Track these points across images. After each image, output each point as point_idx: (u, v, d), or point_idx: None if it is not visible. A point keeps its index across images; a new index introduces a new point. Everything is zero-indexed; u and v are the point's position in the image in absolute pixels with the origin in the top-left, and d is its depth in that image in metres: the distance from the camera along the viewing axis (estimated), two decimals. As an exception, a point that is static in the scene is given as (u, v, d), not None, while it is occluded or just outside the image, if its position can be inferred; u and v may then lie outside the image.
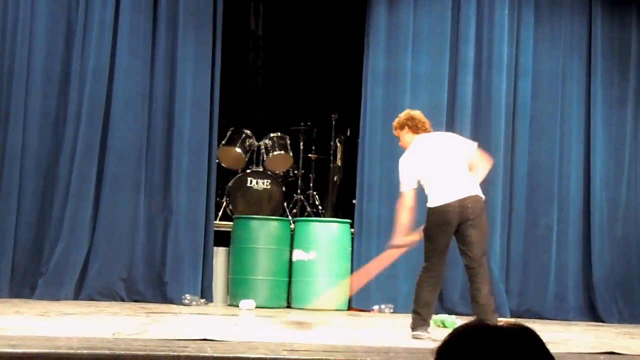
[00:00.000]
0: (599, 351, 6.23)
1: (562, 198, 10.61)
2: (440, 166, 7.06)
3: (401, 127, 7.33)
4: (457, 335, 1.81)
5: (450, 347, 1.80)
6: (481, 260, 6.99)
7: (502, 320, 1.87)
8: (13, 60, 9.36)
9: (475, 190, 7.00)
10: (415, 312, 6.92)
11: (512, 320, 6.73)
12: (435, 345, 1.86)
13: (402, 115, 7.43)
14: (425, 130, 7.31)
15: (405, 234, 7.04)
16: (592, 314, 10.44)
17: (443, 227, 6.91)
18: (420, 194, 7.17)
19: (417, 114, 7.39)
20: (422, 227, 7.06)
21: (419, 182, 7.09)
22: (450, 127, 10.27)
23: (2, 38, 9.39)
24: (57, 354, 4.62)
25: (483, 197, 7.08)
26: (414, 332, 6.86)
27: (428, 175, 7.06)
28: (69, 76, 9.52)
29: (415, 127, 7.28)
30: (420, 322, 6.88)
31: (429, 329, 6.95)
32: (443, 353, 1.81)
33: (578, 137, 10.73)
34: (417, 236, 7.04)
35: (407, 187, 7.08)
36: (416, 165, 7.11)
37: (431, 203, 7.00)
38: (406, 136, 7.30)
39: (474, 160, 7.18)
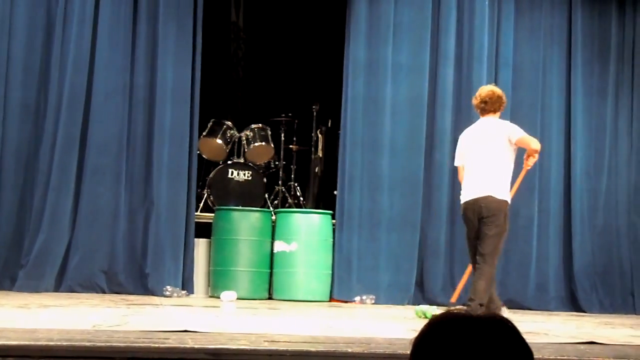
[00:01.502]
0: (580, 341, 6.26)
1: (542, 188, 10.65)
2: (475, 157, 7.46)
3: (475, 105, 7.70)
4: (433, 325, 1.81)
5: (427, 337, 1.80)
6: (486, 257, 7.33)
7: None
8: (-8, 51, 9.31)
9: (491, 191, 7.33)
10: (480, 304, 7.21)
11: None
12: (414, 335, 1.86)
13: (479, 91, 7.75)
14: (491, 112, 7.56)
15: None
16: (573, 304, 10.50)
17: (465, 221, 7.55)
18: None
19: (489, 93, 7.60)
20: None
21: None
22: (431, 117, 10.31)
23: (-19, 30, 9.34)
24: (37, 346, 4.60)
25: (501, 198, 7.41)
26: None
27: (466, 165, 7.55)
28: (49, 68, 9.46)
29: (482, 108, 7.60)
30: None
31: None
32: (420, 343, 1.81)
33: (558, 128, 10.78)
34: None
35: (458, 163, 7.69)
36: (464, 147, 7.61)
37: (461, 197, 7.58)
38: (478, 112, 7.68)
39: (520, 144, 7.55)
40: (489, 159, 7.39)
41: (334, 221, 10.07)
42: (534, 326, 7.56)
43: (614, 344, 6.32)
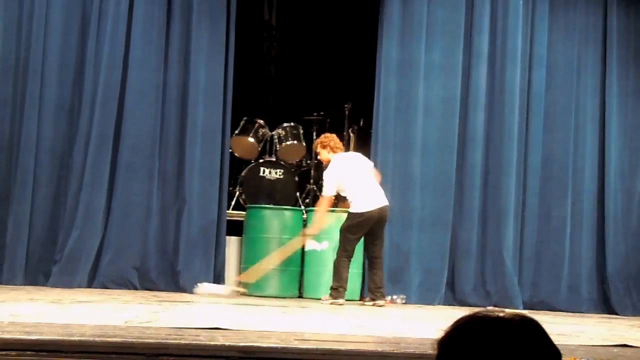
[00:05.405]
0: (612, 343, 6.21)
1: (576, 189, 10.57)
2: (361, 176, 9.12)
3: (323, 147, 9.38)
4: (459, 327, 1.80)
5: (452, 339, 1.79)
6: (381, 254, 9.22)
7: (504, 311, 1.83)
8: (29, 50, 9.39)
9: (386, 201, 9.11)
10: (341, 287, 8.91)
11: (516, 311, 6.83)
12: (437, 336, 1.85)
13: (323, 137, 9.51)
14: (342, 150, 9.43)
15: (319, 227, 9.31)
16: (606, 306, 10.42)
17: (363, 227, 8.97)
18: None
19: (335, 136, 9.52)
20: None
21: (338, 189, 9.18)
22: (464, 117, 10.27)
23: (18, 28, 9.43)
24: (69, 341, 4.63)
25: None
26: (338, 300, 8.85)
27: (350, 183, 9.09)
28: (83, 66, 9.55)
29: (335, 147, 9.34)
30: (343, 293, 8.90)
31: None
32: (445, 345, 1.80)
33: (592, 128, 10.69)
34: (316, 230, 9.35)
35: (331, 193, 9.19)
36: (340, 176, 9.12)
37: (355, 209, 9.00)
38: (327, 154, 9.33)
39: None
40: (371, 177, 9.20)
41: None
42: (566, 328, 7.51)
43: (647, 346, 6.26)
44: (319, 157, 9.59)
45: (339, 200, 9.65)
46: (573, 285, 10.42)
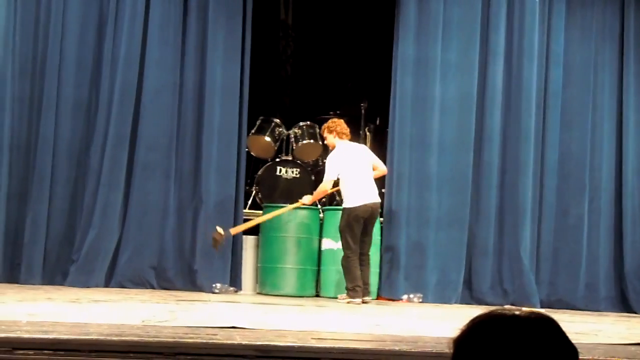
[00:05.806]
0: (630, 342, 6.18)
1: (593, 187, 10.53)
2: (358, 171, 9.18)
3: (330, 131, 9.37)
4: (475, 326, 1.79)
5: (469, 337, 1.78)
6: (370, 250, 9.25)
7: (521, 310, 1.82)
8: (46, 49, 9.44)
9: (378, 196, 9.29)
10: (357, 285, 8.90)
11: (530, 309, 6.78)
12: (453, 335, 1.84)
13: (330, 122, 9.45)
14: (347, 137, 9.38)
15: (313, 201, 9.56)
16: (624, 304, 10.37)
17: (359, 220, 9.03)
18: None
19: (343, 122, 9.45)
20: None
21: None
22: (480, 116, 10.24)
23: (35, 27, 9.47)
24: (87, 340, 4.65)
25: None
26: (355, 300, 8.86)
27: (347, 176, 9.16)
28: (100, 65, 9.58)
29: (341, 133, 9.33)
30: (360, 291, 8.91)
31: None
32: (461, 344, 1.79)
33: (610, 126, 10.64)
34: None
35: (333, 177, 9.22)
36: (341, 164, 9.19)
37: (350, 203, 9.10)
38: (333, 139, 9.35)
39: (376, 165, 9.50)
40: (368, 171, 9.25)
41: (381, 219, 10.05)
42: (584, 327, 7.49)
43: (665, 345, 6.23)
44: (325, 141, 9.65)
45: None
46: (591, 283, 10.38)
